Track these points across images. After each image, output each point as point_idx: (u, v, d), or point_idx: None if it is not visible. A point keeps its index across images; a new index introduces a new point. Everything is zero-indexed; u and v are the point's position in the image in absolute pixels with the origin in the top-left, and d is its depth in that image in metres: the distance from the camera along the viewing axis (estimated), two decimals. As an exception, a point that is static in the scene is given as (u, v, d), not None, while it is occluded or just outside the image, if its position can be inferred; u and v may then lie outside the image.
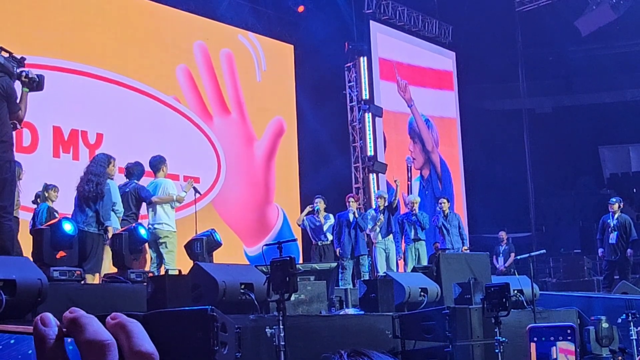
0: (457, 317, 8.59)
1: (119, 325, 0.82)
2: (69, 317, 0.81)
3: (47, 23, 13.18)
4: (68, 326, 0.81)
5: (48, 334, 0.80)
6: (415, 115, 19.94)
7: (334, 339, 7.79)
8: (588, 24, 20.71)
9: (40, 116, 11.76)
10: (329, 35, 17.24)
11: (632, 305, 10.42)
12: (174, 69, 15.20)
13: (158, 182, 10.53)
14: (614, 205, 13.92)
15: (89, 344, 0.79)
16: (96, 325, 0.81)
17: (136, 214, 10.24)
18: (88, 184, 9.15)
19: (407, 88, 19.73)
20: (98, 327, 0.81)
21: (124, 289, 8.13)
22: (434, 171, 20.32)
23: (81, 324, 0.80)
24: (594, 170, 25.06)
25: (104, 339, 0.80)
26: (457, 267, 11.38)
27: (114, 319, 0.83)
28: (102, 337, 0.80)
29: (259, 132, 16.66)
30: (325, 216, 13.29)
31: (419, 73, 20.39)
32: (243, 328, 6.43)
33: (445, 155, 20.78)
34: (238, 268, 8.85)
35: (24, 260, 6.77)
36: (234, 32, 16.64)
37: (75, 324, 0.80)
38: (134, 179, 10.32)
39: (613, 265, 13.93)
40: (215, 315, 5.28)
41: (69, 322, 0.81)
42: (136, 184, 10.28)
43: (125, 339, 0.81)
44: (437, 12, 20.71)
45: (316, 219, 13.21)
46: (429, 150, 20.24)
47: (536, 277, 13.50)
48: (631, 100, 24.17)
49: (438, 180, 20.33)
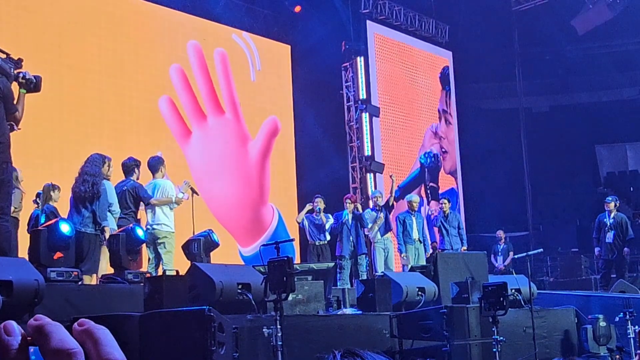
0: (455, 316, 8.59)
1: (86, 333, 0.79)
2: (33, 325, 0.78)
3: (42, 24, 13.17)
4: (33, 334, 0.77)
5: (11, 343, 0.76)
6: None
7: (332, 338, 7.79)
8: (584, 23, 20.75)
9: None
10: (326, 35, 17.25)
11: (629, 304, 10.43)
12: (168, 69, 15.18)
13: (157, 183, 10.44)
14: (610, 204, 13.93)
15: (54, 352, 0.76)
16: (62, 334, 0.78)
17: (135, 212, 10.11)
18: (84, 184, 9.08)
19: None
20: (64, 335, 0.78)
21: (121, 290, 8.13)
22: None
23: (47, 332, 0.77)
24: (591, 169, 25.10)
25: (70, 347, 0.77)
26: (454, 267, 11.39)
27: (82, 325, 0.80)
28: (69, 346, 0.77)
29: (254, 131, 16.64)
30: (325, 215, 13.30)
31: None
32: (240, 328, 6.44)
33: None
34: (235, 268, 8.85)
35: (21, 261, 6.77)
36: (228, 32, 16.62)
37: (40, 332, 0.77)
38: (131, 176, 10.18)
39: (610, 264, 13.95)
40: (212, 316, 5.29)
41: (34, 330, 0.78)
42: (134, 182, 10.14)
43: (93, 347, 0.78)
44: (434, 12, 20.72)
45: (317, 218, 13.21)
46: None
47: (534, 276, 13.51)
48: (628, 99, 24.23)
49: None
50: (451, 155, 21.11)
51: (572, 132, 24.02)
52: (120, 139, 13.78)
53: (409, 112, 19.85)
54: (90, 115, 13.64)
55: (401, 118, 19.54)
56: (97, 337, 0.79)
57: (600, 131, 24.30)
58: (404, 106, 19.67)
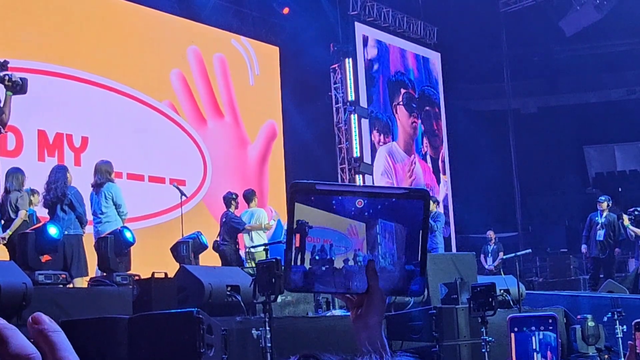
0: (444, 317, 8.60)
1: (41, 336, 0.77)
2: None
3: (40, 27, 13.14)
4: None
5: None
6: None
7: (321, 340, 7.79)
8: (572, 25, 20.81)
9: (25, 120, 11.74)
10: (314, 36, 17.26)
11: (617, 304, 10.47)
12: (168, 74, 15.26)
13: (254, 212, 12.33)
14: (603, 203, 13.96)
15: (13, 358, 0.74)
16: (20, 338, 0.75)
17: (233, 241, 11.88)
18: (49, 193, 9.53)
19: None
20: (22, 340, 0.75)
21: (110, 292, 8.11)
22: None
23: (4, 337, 0.74)
24: (580, 169, 25.18)
25: (29, 352, 0.74)
26: (443, 267, 11.40)
27: (37, 322, 0.78)
28: (27, 351, 0.74)
29: (252, 135, 16.77)
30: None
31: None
32: (229, 330, 6.43)
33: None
34: (224, 270, 8.85)
35: (9, 264, 6.75)
36: (227, 37, 16.75)
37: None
38: (229, 208, 12.04)
39: (598, 263, 13.99)
40: (201, 318, 5.28)
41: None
42: (227, 213, 11.96)
43: (49, 351, 0.76)
44: (422, 14, 20.74)
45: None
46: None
47: (522, 276, 13.52)
48: (616, 100, 24.32)
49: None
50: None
51: (561, 133, 24.11)
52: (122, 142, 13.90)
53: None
54: (80, 119, 13.62)
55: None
56: (53, 341, 0.77)
57: (588, 132, 24.39)
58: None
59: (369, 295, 1.31)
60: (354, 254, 1.31)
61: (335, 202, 1.31)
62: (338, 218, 1.31)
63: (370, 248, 1.31)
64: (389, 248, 1.32)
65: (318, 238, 1.31)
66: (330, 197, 1.31)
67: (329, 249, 1.31)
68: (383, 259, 1.31)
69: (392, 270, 1.32)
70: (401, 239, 1.32)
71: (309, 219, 1.30)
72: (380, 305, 1.32)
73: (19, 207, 9.25)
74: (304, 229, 1.30)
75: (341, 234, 1.31)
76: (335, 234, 1.31)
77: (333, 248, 1.31)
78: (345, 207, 1.31)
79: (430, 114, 21.02)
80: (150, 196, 13.98)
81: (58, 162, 12.83)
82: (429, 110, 20.98)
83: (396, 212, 1.32)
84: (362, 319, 1.33)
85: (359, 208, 1.31)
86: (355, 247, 1.31)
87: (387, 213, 1.32)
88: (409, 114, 20.16)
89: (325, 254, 1.31)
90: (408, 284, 1.33)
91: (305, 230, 1.30)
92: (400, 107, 19.94)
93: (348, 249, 1.31)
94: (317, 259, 1.30)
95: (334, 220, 1.31)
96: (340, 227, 1.31)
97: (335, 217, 1.31)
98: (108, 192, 9.81)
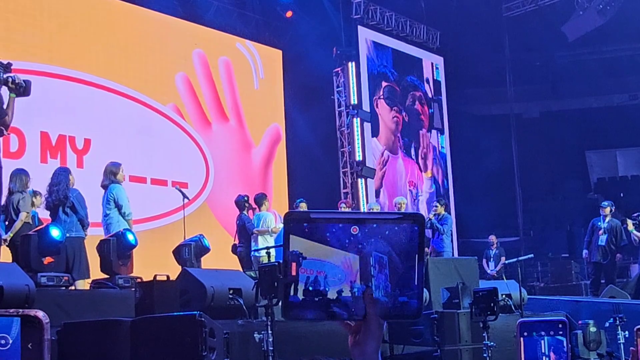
0: (445, 321, 8.60)
1: None
2: None
3: (44, 29, 13.17)
4: None
5: None
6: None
7: (322, 344, 7.78)
8: (575, 29, 20.79)
9: (28, 122, 11.75)
10: (317, 40, 17.26)
11: (619, 309, 10.46)
12: (174, 77, 15.31)
13: (261, 215, 12.48)
14: (606, 209, 13.94)
15: None
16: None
17: (249, 243, 12.34)
18: (51, 195, 9.53)
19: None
20: None
21: (112, 295, 8.11)
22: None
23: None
24: (581, 174, 25.15)
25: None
26: (445, 272, 11.39)
27: None
28: None
29: (257, 139, 16.85)
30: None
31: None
32: (231, 333, 6.42)
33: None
34: (226, 273, 8.84)
35: (11, 266, 6.74)
36: (232, 40, 16.80)
37: None
38: (242, 210, 12.51)
39: (599, 269, 13.97)
40: (203, 321, 5.28)
41: None
42: (241, 215, 12.49)
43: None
44: (425, 18, 20.75)
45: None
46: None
47: (524, 281, 13.53)
48: (618, 105, 24.30)
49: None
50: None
51: (563, 138, 24.08)
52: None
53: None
54: (82, 121, 13.64)
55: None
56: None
57: (590, 137, 24.38)
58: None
59: (366, 322, 1.34)
60: (350, 286, 1.32)
61: (329, 233, 1.32)
62: (332, 250, 1.33)
63: (365, 280, 1.32)
64: (382, 280, 1.33)
65: (312, 270, 1.32)
66: (325, 225, 1.32)
67: (322, 281, 1.32)
68: (377, 291, 1.33)
69: (386, 302, 1.34)
70: (395, 270, 1.33)
71: (303, 250, 1.32)
72: (377, 332, 1.35)
73: (20, 209, 9.26)
74: (298, 260, 1.32)
75: (335, 265, 1.33)
76: (329, 265, 1.32)
77: (327, 279, 1.32)
78: (339, 238, 1.33)
79: (414, 97, 20.69)
80: (153, 199, 13.99)
81: (60, 164, 12.85)
82: (414, 95, 20.65)
83: (391, 238, 1.33)
84: (359, 346, 1.36)
85: (354, 238, 1.32)
86: (350, 279, 1.32)
87: (381, 241, 1.33)
88: (389, 108, 19.87)
89: (319, 285, 1.32)
90: (402, 312, 1.35)
91: (299, 261, 1.32)
92: (381, 102, 19.65)
93: (342, 281, 1.33)
94: (311, 289, 1.32)
95: (328, 252, 1.32)
96: (334, 259, 1.32)
97: (329, 249, 1.32)
98: (110, 194, 9.83)
